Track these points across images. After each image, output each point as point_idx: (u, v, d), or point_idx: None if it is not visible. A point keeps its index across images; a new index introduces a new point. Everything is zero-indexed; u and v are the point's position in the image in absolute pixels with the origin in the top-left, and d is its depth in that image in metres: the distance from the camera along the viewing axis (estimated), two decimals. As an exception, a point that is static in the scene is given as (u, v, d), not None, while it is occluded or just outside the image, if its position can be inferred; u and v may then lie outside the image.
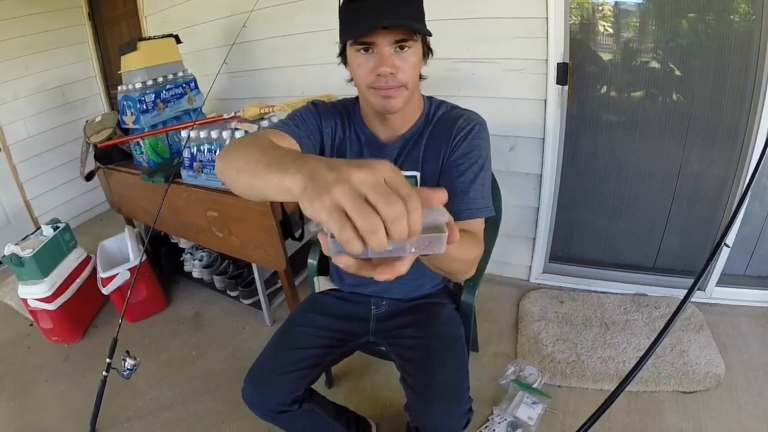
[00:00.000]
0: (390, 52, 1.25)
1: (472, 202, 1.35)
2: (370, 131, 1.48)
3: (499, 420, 2.16)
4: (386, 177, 0.60)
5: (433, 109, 1.49)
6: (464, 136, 1.41)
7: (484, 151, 1.43)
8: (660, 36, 2.36)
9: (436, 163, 1.43)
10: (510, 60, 2.47)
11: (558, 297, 2.85)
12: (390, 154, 1.46)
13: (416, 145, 1.45)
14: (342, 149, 1.50)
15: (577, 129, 2.61)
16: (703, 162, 2.50)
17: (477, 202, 1.36)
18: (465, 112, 1.48)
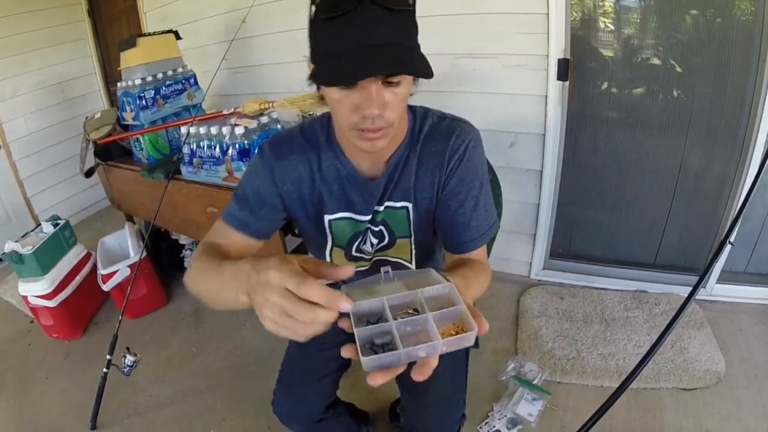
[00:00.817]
0: (378, 88, 0.97)
1: (475, 230, 1.23)
2: (351, 164, 1.22)
3: (499, 416, 2.16)
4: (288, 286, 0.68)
5: (419, 123, 1.23)
6: (459, 159, 1.20)
7: (481, 170, 1.24)
8: (661, 32, 2.36)
9: (431, 192, 1.24)
10: (511, 56, 2.47)
11: (558, 293, 2.85)
12: (376, 190, 1.23)
13: (404, 173, 1.23)
14: (316, 198, 1.27)
15: (578, 125, 2.61)
16: (704, 159, 2.50)
17: (480, 228, 1.24)
18: (456, 126, 1.22)
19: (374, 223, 1.30)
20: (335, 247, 1.37)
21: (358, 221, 1.29)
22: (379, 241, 1.35)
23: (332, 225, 1.31)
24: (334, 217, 1.29)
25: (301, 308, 0.67)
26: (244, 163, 2.30)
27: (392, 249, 1.37)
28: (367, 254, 1.38)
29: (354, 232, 1.32)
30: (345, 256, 1.39)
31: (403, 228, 1.32)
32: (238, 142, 2.29)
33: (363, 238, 1.33)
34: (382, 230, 1.32)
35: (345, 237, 1.33)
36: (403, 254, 1.40)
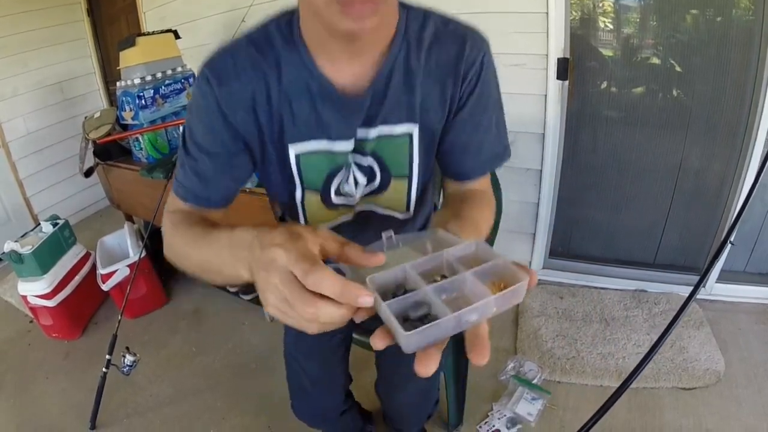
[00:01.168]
0: None
1: (488, 154, 1.04)
2: (324, 75, 0.90)
3: (498, 416, 2.16)
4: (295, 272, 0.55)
5: (419, 23, 0.95)
6: (477, 73, 0.98)
7: (496, 84, 1.04)
8: (660, 32, 2.36)
9: (441, 112, 0.98)
10: (510, 55, 2.46)
11: (558, 293, 2.85)
12: (359, 107, 0.93)
13: (407, 84, 0.94)
14: (276, 125, 0.95)
15: (578, 124, 2.61)
16: (703, 158, 2.50)
17: (494, 150, 1.04)
18: (466, 33, 0.99)
19: (362, 154, 0.99)
20: (307, 191, 1.04)
21: (336, 153, 0.97)
22: (368, 181, 1.04)
23: (300, 161, 0.98)
24: (302, 149, 0.96)
25: (305, 302, 0.54)
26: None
27: (383, 195, 1.08)
28: (350, 198, 1.07)
29: (331, 167, 1.00)
30: (323, 203, 1.07)
31: (401, 163, 1.03)
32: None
33: (345, 174, 1.02)
34: (371, 166, 1.02)
35: (319, 176, 1.01)
36: (396, 203, 1.11)
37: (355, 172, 1.02)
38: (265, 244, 0.59)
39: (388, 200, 1.10)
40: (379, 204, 1.12)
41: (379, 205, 1.12)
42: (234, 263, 0.67)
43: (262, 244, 0.60)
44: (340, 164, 0.99)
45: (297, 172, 1.00)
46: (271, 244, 0.58)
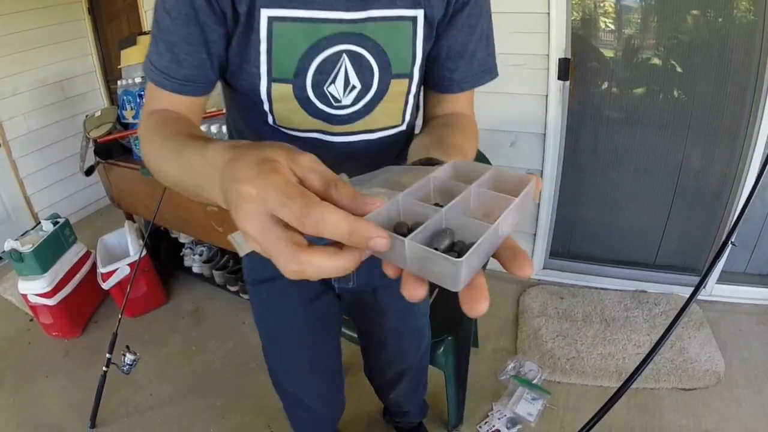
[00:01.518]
0: None
1: (480, 63, 0.98)
2: None
3: (498, 416, 2.16)
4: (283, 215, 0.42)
5: None
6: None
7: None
8: (661, 32, 2.36)
9: (443, 4, 0.89)
10: (511, 55, 2.46)
11: (558, 293, 2.85)
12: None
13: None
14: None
15: (578, 125, 2.61)
16: (704, 159, 2.50)
17: (486, 62, 0.99)
18: None
19: (355, 37, 0.84)
20: (274, 81, 0.85)
21: (320, 24, 0.81)
22: (362, 80, 0.88)
23: (273, 30, 0.80)
24: (278, 12, 0.79)
25: (290, 257, 0.42)
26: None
27: (382, 102, 0.93)
28: (337, 105, 0.90)
29: (310, 45, 0.82)
30: (297, 101, 0.88)
31: (403, 56, 0.89)
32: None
33: (334, 69, 0.86)
34: (367, 58, 0.86)
35: (293, 55, 0.83)
36: (392, 113, 0.97)
37: (348, 66, 0.87)
38: (234, 178, 0.45)
39: (384, 114, 0.95)
40: (371, 126, 0.96)
41: (370, 127, 0.97)
42: (210, 187, 0.55)
43: (232, 172, 0.46)
44: (323, 47, 0.83)
45: (266, 47, 0.82)
46: (243, 177, 0.44)
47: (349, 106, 0.91)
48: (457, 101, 1.00)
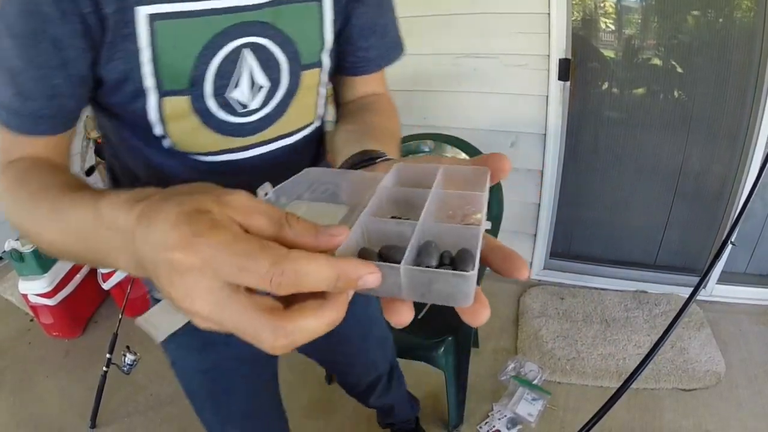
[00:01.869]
0: None
1: (392, 38, 0.92)
2: None
3: (499, 416, 2.16)
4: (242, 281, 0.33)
5: None
6: None
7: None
8: (662, 33, 2.36)
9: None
10: (512, 55, 2.46)
11: (558, 293, 2.84)
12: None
13: None
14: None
15: (579, 125, 2.60)
16: (704, 160, 2.50)
17: (396, 35, 0.93)
18: None
19: (256, 27, 0.71)
20: (166, 96, 0.69)
21: (218, 13, 0.67)
22: (270, 76, 0.76)
23: (156, 30, 0.63)
24: (159, 8, 0.63)
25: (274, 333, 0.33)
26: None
27: (294, 99, 0.81)
28: (244, 112, 0.77)
29: (204, 44, 0.68)
30: (197, 116, 0.73)
31: (311, 43, 0.79)
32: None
33: (235, 69, 0.72)
34: (271, 50, 0.74)
35: (186, 59, 0.67)
36: (305, 111, 0.87)
37: (251, 62, 0.72)
38: (159, 246, 0.35)
39: (298, 110, 0.84)
40: (288, 126, 0.85)
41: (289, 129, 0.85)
42: (114, 255, 0.44)
43: (152, 243, 0.36)
44: (220, 42, 0.68)
45: (150, 54, 0.64)
46: (166, 246, 0.35)
47: (258, 110, 0.77)
48: (370, 82, 0.94)
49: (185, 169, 0.78)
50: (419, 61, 2.62)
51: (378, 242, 0.42)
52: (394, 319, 0.40)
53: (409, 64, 2.73)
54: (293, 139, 0.86)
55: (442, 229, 0.43)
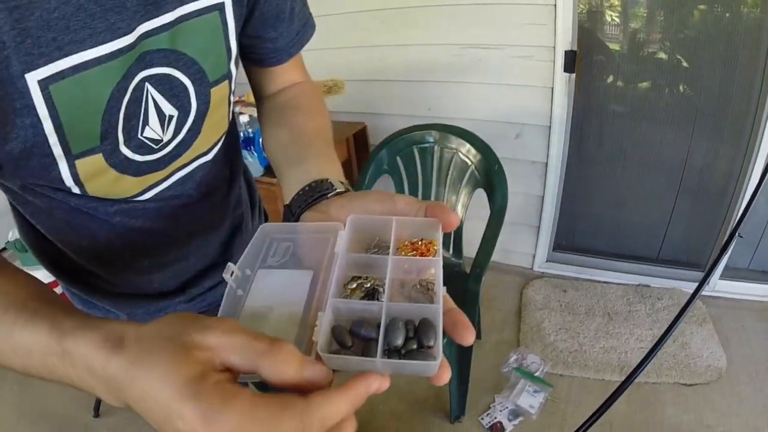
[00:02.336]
0: None
1: (300, 20, 0.85)
2: None
3: (500, 408, 2.17)
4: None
5: None
6: None
7: None
8: (668, 27, 2.34)
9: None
10: (517, 47, 2.45)
11: (561, 286, 2.84)
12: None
13: None
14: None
15: (583, 118, 2.59)
16: (709, 155, 2.49)
17: (303, 15, 0.86)
18: None
19: (154, 59, 0.63)
20: (78, 158, 0.61)
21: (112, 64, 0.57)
22: (178, 104, 0.69)
23: (52, 95, 0.53)
24: (51, 70, 0.52)
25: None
26: (249, 152, 2.30)
27: (207, 118, 0.75)
28: (161, 146, 0.70)
29: (110, 93, 0.59)
30: (114, 169, 0.66)
31: (217, 57, 0.72)
32: (243, 131, 2.28)
33: (141, 107, 0.64)
34: (175, 76, 0.66)
35: (93, 116, 0.59)
36: (221, 125, 0.81)
37: (154, 95, 0.65)
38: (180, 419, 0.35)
39: (212, 126, 0.77)
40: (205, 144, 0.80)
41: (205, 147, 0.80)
42: (78, 382, 0.43)
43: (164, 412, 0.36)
44: (123, 85, 0.60)
45: (52, 124, 0.56)
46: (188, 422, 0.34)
47: (172, 140, 0.71)
48: (288, 71, 0.90)
49: (107, 216, 0.75)
50: (424, 52, 2.61)
51: (349, 317, 0.46)
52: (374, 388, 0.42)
53: (413, 54, 2.72)
54: (211, 154, 0.83)
55: (404, 307, 0.47)
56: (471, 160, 2.17)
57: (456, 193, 2.22)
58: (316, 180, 0.65)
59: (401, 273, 0.52)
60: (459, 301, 0.46)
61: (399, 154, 2.28)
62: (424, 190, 2.29)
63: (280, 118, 0.85)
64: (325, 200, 0.62)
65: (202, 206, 0.85)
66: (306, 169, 0.69)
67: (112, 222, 0.75)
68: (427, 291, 0.50)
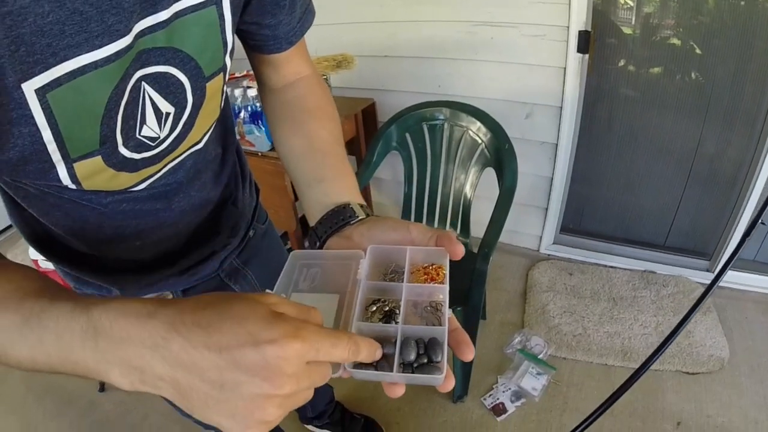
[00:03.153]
0: None
1: (301, 6, 0.83)
2: None
3: (503, 389, 2.17)
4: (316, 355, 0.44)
5: None
6: None
7: None
8: (682, 13, 2.29)
9: None
10: (530, 25, 2.40)
11: (567, 269, 2.83)
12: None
13: None
14: None
15: (595, 100, 2.56)
16: (720, 143, 2.45)
17: (306, 2, 0.84)
18: None
19: (151, 57, 0.61)
20: (76, 162, 0.60)
21: (108, 67, 0.55)
22: (174, 101, 0.68)
23: (51, 103, 0.52)
24: (48, 77, 0.51)
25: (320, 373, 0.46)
26: (257, 126, 2.27)
27: (201, 110, 0.74)
28: (158, 142, 0.70)
29: (108, 97, 0.58)
30: (112, 169, 0.66)
31: (213, 52, 0.70)
32: (251, 104, 2.26)
33: (138, 108, 0.64)
34: (171, 73, 0.65)
35: (91, 121, 0.58)
36: (213, 114, 0.80)
37: (150, 93, 0.64)
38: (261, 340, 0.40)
39: (205, 117, 0.77)
40: (199, 134, 0.79)
41: (199, 136, 0.80)
42: (96, 364, 0.45)
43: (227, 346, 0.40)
44: (122, 87, 0.59)
45: (51, 133, 0.55)
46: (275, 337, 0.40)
47: (168, 136, 0.71)
48: (292, 59, 0.88)
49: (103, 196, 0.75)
50: (435, 28, 2.57)
51: (370, 336, 0.54)
52: (392, 393, 0.53)
53: (424, 30, 2.69)
54: (203, 142, 0.83)
55: (416, 328, 0.56)
56: (481, 139, 2.15)
57: (465, 171, 2.20)
58: (338, 205, 0.72)
59: (414, 296, 0.61)
60: (466, 280, 0.56)
61: (408, 131, 2.26)
62: (433, 167, 2.26)
63: (293, 123, 0.86)
64: (348, 227, 0.69)
65: (193, 186, 0.87)
66: (325, 191, 0.75)
67: (105, 208, 0.76)
68: (436, 311, 0.60)
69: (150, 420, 2.26)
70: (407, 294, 0.60)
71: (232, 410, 0.41)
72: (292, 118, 0.87)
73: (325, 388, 1.98)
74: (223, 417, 0.41)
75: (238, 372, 0.40)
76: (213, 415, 0.42)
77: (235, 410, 0.41)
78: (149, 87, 0.63)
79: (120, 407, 2.32)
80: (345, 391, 2.21)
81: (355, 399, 2.20)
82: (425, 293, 0.61)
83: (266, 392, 0.40)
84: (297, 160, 0.82)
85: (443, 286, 0.60)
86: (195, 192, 0.88)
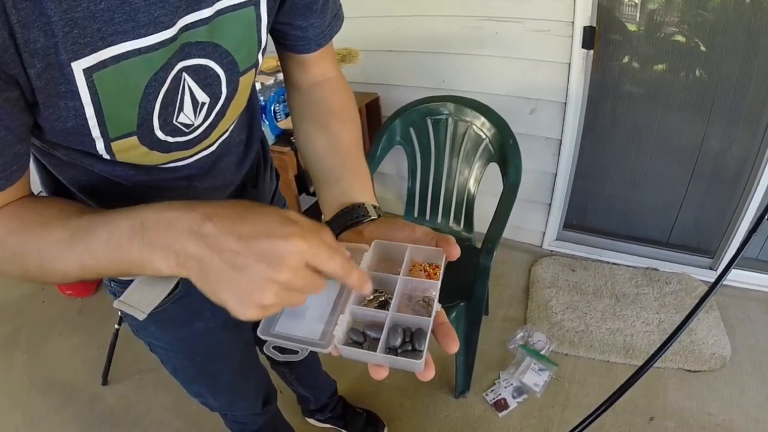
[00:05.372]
0: None
1: (332, 6, 0.88)
2: None
3: (505, 384, 2.18)
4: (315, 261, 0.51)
5: None
6: None
7: None
8: (686, 9, 2.28)
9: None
10: (535, 20, 2.39)
11: (570, 265, 2.83)
12: None
13: None
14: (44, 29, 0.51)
15: (599, 96, 2.55)
16: (724, 141, 2.45)
17: (336, 3, 0.90)
18: None
19: (192, 50, 0.66)
20: (114, 141, 0.65)
21: (150, 55, 0.60)
22: (210, 92, 0.73)
23: (96, 82, 0.57)
24: (95, 59, 0.55)
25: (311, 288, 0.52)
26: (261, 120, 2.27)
27: (233, 101, 0.79)
28: (191, 130, 0.75)
29: (147, 83, 0.62)
30: (145, 147, 0.70)
31: (249, 48, 0.75)
32: (256, 98, 2.26)
33: (177, 96, 0.68)
34: (210, 67, 0.70)
35: (130, 105, 0.63)
36: (241, 105, 0.85)
37: (190, 83, 0.69)
38: (273, 233, 0.49)
39: (235, 108, 0.82)
40: (227, 124, 0.85)
41: (227, 126, 0.86)
42: (142, 258, 0.52)
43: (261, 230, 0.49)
44: (162, 76, 0.64)
45: (93, 110, 0.59)
46: (281, 234, 0.49)
47: (202, 124, 0.76)
48: (320, 61, 0.93)
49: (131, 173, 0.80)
50: (440, 23, 2.56)
51: (363, 321, 0.63)
52: (376, 376, 0.58)
53: (429, 25, 2.68)
54: (229, 131, 0.89)
55: (405, 317, 0.62)
56: (485, 134, 2.14)
57: (469, 166, 2.20)
58: (353, 204, 0.78)
59: (408, 290, 0.66)
60: (469, 276, 0.60)
61: (412, 126, 2.25)
62: (437, 162, 2.26)
63: (317, 123, 0.91)
64: (359, 224, 0.76)
65: (217, 169, 0.92)
66: (342, 190, 0.81)
67: (131, 184, 0.81)
68: (427, 306, 0.64)
69: (153, 413, 2.26)
70: (402, 286, 0.65)
71: (237, 290, 0.49)
72: (316, 118, 0.92)
73: (328, 380, 2.00)
74: (230, 295, 0.49)
75: (250, 257, 0.48)
76: (221, 292, 0.49)
77: (239, 290, 0.49)
78: (189, 77, 0.68)
79: (123, 401, 2.33)
80: (347, 386, 2.21)
81: (357, 393, 2.20)
82: (419, 288, 0.66)
83: (267, 275, 0.48)
84: (318, 158, 0.88)
85: (435, 282, 0.65)
86: (218, 174, 0.93)
